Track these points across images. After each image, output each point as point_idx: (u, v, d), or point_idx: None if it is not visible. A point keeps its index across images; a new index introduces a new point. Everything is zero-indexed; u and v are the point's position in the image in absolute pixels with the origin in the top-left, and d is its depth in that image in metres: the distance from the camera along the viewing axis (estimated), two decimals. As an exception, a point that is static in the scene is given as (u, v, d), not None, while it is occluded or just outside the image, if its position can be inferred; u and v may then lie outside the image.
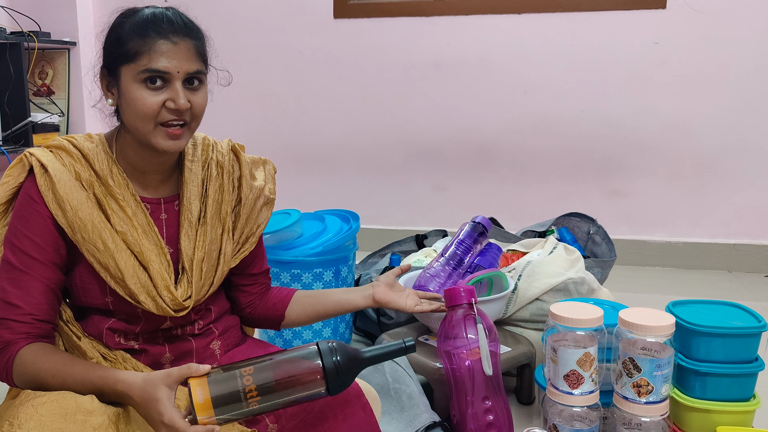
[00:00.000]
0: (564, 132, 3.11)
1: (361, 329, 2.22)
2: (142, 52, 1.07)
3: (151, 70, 1.07)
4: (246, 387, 0.98)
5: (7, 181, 1.15)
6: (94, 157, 1.15)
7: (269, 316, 1.39)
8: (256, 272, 1.36)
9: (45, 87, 3.44)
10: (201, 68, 1.12)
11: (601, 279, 2.16)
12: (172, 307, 1.16)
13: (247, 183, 1.30)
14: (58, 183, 1.11)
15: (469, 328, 1.47)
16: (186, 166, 1.23)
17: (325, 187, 3.40)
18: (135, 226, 1.15)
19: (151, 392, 0.97)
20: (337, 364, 1.02)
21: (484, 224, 1.89)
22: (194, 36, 1.12)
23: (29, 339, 1.09)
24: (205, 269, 1.21)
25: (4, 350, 1.08)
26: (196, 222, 1.22)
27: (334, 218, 2.17)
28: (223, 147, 1.29)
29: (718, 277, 2.95)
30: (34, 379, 1.06)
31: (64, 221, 1.11)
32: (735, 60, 2.89)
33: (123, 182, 1.16)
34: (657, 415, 1.36)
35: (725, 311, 1.49)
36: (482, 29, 3.11)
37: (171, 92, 1.09)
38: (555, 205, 3.05)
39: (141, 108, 1.09)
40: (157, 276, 1.15)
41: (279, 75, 3.35)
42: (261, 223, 1.33)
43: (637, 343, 1.36)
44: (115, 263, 1.12)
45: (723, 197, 3.01)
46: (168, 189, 1.22)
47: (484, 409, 1.44)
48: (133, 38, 1.09)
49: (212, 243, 1.22)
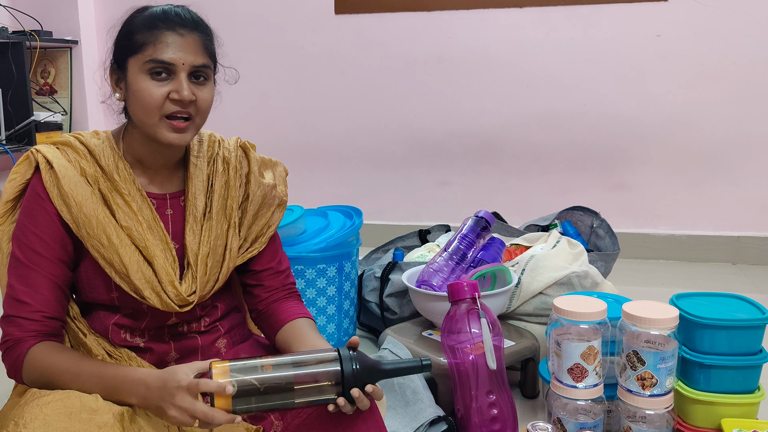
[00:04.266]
0: (567, 126, 3.10)
1: (365, 325, 2.22)
2: (148, 43, 1.08)
3: (156, 60, 1.08)
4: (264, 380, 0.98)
5: (14, 178, 1.16)
6: (100, 153, 1.16)
7: (265, 330, 1.33)
8: (259, 269, 1.32)
9: (47, 86, 3.44)
10: (207, 63, 1.12)
11: (604, 272, 2.16)
12: (176, 303, 1.16)
13: (256, 179, 1.29)
14: (63, 179, 1.11)
15: (472, 323, 1.47)
16: (191, 161, 1.23)
17: (328, 182, 3.40)
18: (140, 221, 1.15)
19: (169, 370, 0.99)
20: (356, 372, 1.02)
21: (487, 219, 1.89)
22: (202, 31, 1.13)
23: (39, 337, 1.10)
24: (210, 264, 1.21)
25: (14, 348, 1.09)
26: (201, 217, 1.22)
27: (337, 214, 2.18)
28: (231, 144, 1.29)
29: (722, 270, 2.94)
30: (44, 377, 1.07)
31: (68, 217, 1.11)
32: (738, 52, 2.88)
33: (129, 177, 1.16)
34: (661, 407, 1.36)
35: (729, 303, 1.48)
36: (484, 23, 3.10)
37: (176, 84, 1.09)
38: (558, 199, 3.05)
39: (146, 99, 1.09)
40: (162, 271, 1.15)
41: (280, 71, 3.35)
42: (272, 224, 1.31)
43: (641, 336, 1.36)
44: (120, 258, 1.12)
45: (727, 190, 3.01)
46: (174, 185, 1.23)
47: (488, 403, 1.44)
48: (142, 30, 1.10)
49: (218, 238, 1.22)
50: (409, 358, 1.10)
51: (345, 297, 2.04)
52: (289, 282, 1.34)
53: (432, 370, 1.63)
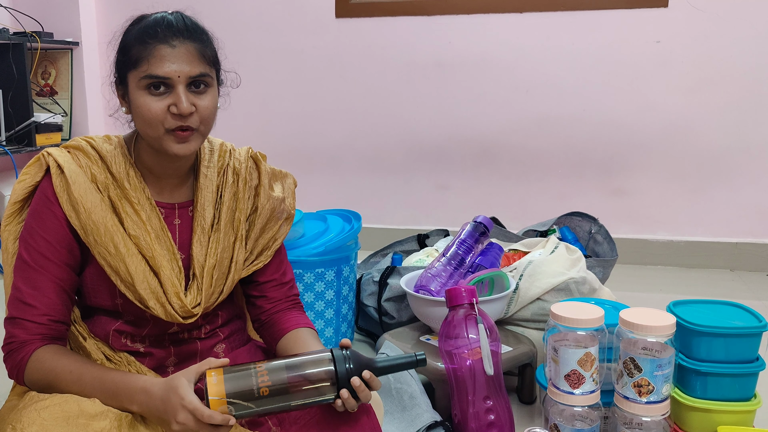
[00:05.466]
0: (566, 131, 3.11)
1: (363, 329, 2.22)
2: (142, 58, 1.07)
3: (151, 76, 1.06)
4: (260, 385, 0.99)
5: (24, 179, 1.16)
6: (111, 160, 1.15)
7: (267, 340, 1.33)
8: (263, 280, 1.31)
9: (48, 87, 3.45)
10: (204, 71, 1.10)
11: (602, 278, 2.16)
12: (181, 314, 1.16)
13: (265, 193, 1.28)
14: (74, 185, 1.11)
15: (470, 328, 1.47)
16: (201, 171, 1.22)
17: (327, 186, 3.40)
18: (148, 230, 1.14)
19: (171, 383, 0.98)
20: (350, 371, 1.03)
21: (486, 224, 1.89)
22: (196, 38, 1.10)
23: (44, 340, 1.10)
24: (216, 276, 1.20)
25: (18, 350, 1.09)
26: (209, 228, 1.21)
27: (336, 218, 2.18)
28: (241, 154, 1.28)
29: (720, 276, 2.95)
30: (46, 379, 1.07)
31: (77, 223, 1.11)
32: (737, 59, 2.89)
33: (139, 186, 1.16)
34: (658, 414, 1.37)
35: (726, 311, 1.49)
36: (484, 28, 3.11)
37: (174, 97, 1.08)
38: (557, 205, 3.05)
39: (146, 114, 1.08)
40: (168, 282, 1.14)
41: (280, 74, 3.35)
42: (279, 237, 1.31)
43: (637, 343, 1.36)
44: (126, 268, 1.12)
45: (725, 196, 3.01)
46: (183, 194, 1.22)
47: (485, 408, 1.44)
48: (135, 45, 1.08)
49: (224, 250, 1.21)
50: (403, 354, 1.11)
51: (343, 301, 2.04)
52: (293, 293, 1.34)
53: (429, 375, 1.64)
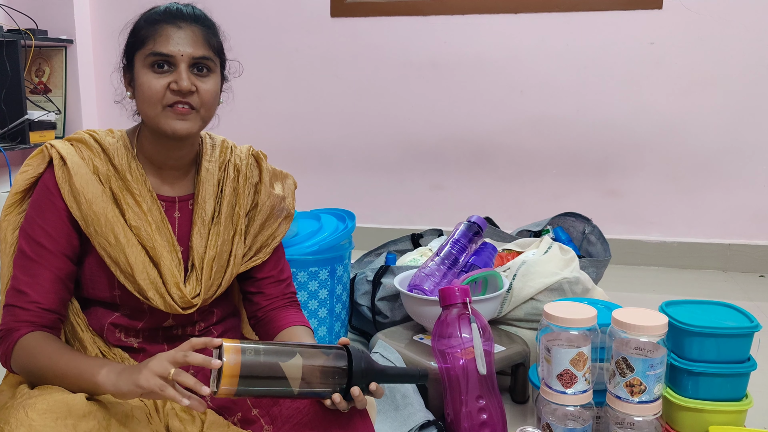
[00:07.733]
0: (560, 132, 3.11)
1: (356, 328, 2.22)
2: (149, 37, 1.12)
3: (155, 53, 1.10)
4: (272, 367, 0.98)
5: (26, 170, 1.17)
6: (114, 152, 1.17)
7: (262, 337, 1.34)
8: (260, 277, 1.32)
9: (42, 85, 3.43)
10: (207, 54, 1.13)
11: (596, 279, 2.17)
12: (180, 305, 1.17)
13: (266, 190, 1.30)
14: (75, 176, 1.13)
15: (463, 328, 1.47)
16: (203, 165, 1.24)
17: (321, 185, 3.40)
18: (149, 221, 1.16)
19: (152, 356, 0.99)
20: (364, 369, 1.04)
21: (480, 224, 1.90)
22: (203, 24, 1.15)
23: (32, 327, 1.10)
24: (215, 269, 1.22)
25: (6, 337, 1.10)
26: (210, 221, 1.23)
27: (329, 217, 2.18)
28: (243, 151, 1.30)
29: (713, 277, 2.96)
30: (29, 365, 1.07)
31: (78, 214, 1.13)
32: (731, 60, 2.90)
33: (141, 178, 1.18)
34: (650, 414, 1.37)
35: (718, 311, 1.50)
36: (479, 29, 3.11)
37: (176, 75, 1.11)
38: (551, 205, 3.06)
39: (147, 91, 1.11)
40: (168, 273, 1.16)
41: (275, 73, 3.35)
42: (278, 235, 1.32)
43: (630, 343, 1.36)
44: (126, 258, 1.13)
45: (718, 197, 3.02)
46: (184, 188, 1.24)
47: (478, 407, 1.45)
48: (144, 26, 1.13)
49: (224, 244, 1.23)
50: (410, 367, 1.11)
51: (337, 300, 2.04)
52: (290, 291, 1.35)
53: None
